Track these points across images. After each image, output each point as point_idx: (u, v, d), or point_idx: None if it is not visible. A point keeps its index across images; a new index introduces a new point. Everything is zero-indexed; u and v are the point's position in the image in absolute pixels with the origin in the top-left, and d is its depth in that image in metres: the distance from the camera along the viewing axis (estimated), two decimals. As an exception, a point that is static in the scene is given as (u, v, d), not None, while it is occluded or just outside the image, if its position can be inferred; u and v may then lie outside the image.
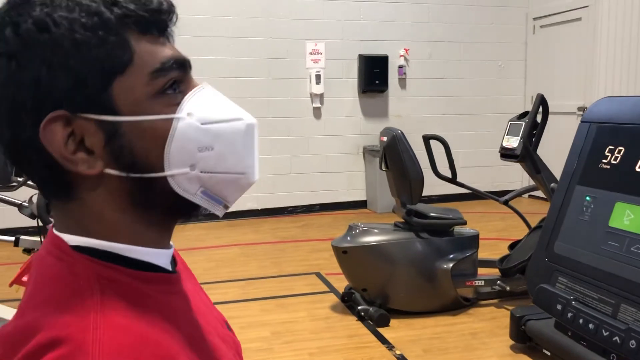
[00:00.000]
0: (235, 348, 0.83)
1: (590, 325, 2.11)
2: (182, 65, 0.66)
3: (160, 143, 0.63)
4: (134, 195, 0.65)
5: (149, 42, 0.64)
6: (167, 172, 0.64)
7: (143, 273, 0.66)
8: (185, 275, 0.78)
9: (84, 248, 0.65)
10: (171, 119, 0.63)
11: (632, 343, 1.92)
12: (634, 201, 2.10)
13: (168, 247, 0.72)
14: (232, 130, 0.66)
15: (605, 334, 2.04)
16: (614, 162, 2.24)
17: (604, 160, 2.28)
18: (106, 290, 0.62)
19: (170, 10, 0.66)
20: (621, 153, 2.22)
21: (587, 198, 2.29)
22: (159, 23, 0.65)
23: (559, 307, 2.25)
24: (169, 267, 0.72)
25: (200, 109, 0.65)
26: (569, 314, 2.20)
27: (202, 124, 0.64)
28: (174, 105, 0.64)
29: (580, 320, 2.16)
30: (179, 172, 0.64)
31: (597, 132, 2.37)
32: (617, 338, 1.98)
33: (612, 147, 2.27)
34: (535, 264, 2.51)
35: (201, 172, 0.65)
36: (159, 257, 0.69)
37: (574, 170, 2.41)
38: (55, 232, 0.67)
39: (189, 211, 0.69)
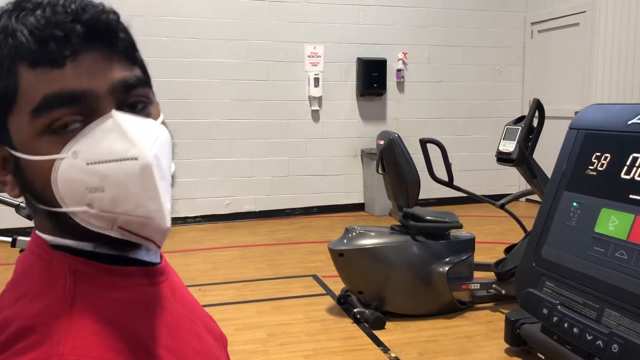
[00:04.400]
0: (222, 341, 0.86)
1: (575, 330, 2.13)
2: (76, 99, 0.60)
3: (49, 182, 0.61)
4: (59, 223, 0.65)
5: (39, 75, 0.59)
6: (65, 209, 0.62)
7: (116, 267, 0.68)
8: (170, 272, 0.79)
9: (62, 246, 0.67)
10: (53, 160, 0.60)
11: (615, 347, 1.95)
12: (619, 207, 2.13)
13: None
14: (123, 172, 0.59)
15: (589, 338, 2.06)
16: (600, 169, 2.27)
17: (590, 167, 2.31)
18: (79, 283, 0.64)
19: (74, 31, 0.59)
20: (607, 160, 2.25)
21: (574, 204, 2.32)
22: (51, 54, 0.59)
23: (545, 311, 2.28)
24: (146, 259, 0.72)
25: (90, 147, 0.60)
26: (555, 318, 2.23)
27: (87, 164, 0.59)
28: (62, 144, 0.60)
29: (565, 325, 2.18)
30: (79, 210, 0.61)
31: (585, 138, 2.40)
32: (600, 342, 2.01)
33: (598, 153, 2.29)
34: (523, 269, 2.54)
35: (102, 211, 0.61)
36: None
37: (562, 176, 2.44)
38: (36, 232, 0.70)
39: (123, 244, 0.64)
